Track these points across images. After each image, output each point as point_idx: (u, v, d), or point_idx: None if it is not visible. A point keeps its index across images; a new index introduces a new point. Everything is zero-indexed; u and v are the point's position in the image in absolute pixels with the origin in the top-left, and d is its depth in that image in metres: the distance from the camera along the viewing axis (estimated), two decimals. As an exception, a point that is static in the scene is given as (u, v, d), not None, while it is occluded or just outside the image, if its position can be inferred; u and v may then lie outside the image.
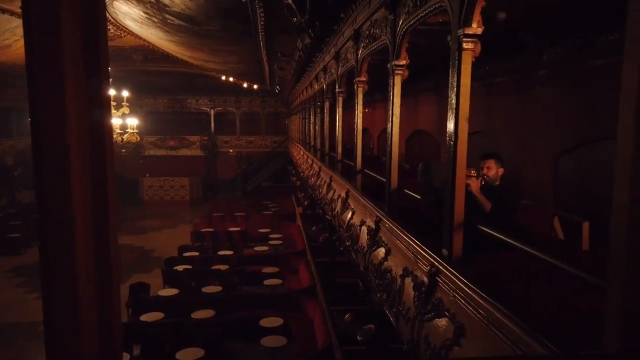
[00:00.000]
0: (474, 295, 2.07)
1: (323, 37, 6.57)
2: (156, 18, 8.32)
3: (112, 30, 12.21)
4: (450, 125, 2.49)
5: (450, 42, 2.50)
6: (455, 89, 2.43)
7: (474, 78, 7.73)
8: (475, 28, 2.32)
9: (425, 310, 2.51)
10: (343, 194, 5.51)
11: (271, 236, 14.07)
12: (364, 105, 15.37)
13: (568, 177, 4.85)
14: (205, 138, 23.13)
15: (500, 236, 2.30)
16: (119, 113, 12.16)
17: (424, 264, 2.70)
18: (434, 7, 2.77)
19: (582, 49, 4.42)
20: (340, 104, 6.40)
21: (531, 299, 2.02)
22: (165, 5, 7.35)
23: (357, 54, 4.96)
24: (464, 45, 2.36)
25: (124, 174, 22.50)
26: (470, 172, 3.52)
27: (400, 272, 3.03)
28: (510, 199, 3.63)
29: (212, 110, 23.57)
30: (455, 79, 2.42)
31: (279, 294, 9.84)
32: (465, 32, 2.33)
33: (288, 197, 18.20)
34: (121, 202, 20.86)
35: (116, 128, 11.91)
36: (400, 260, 3.17)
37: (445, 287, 2.39)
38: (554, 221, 3.89)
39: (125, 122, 12.59)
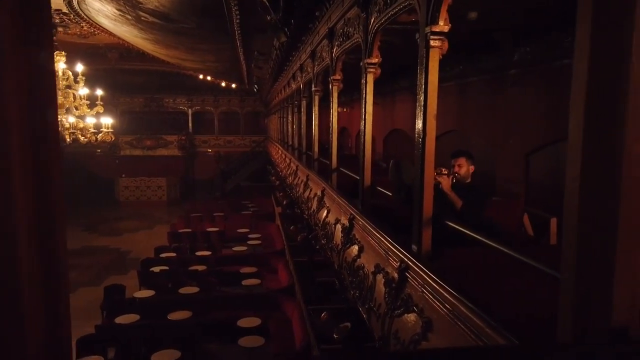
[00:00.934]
0: (441, 290, 2.09)
1: (299, 35, 6.55)
2: (130, 15, 8.18)
3: (85, 28, 11.97)
4: (419, 123, 2.51)
5: (418, 40, 2.52)
6: (423, 86, 2.45)
7: (448, 78, 7.85)
8: (442, 26, 2.34)
9: (395, 306, 2.53)
10: (319, 193, 5.51)
11: (250, 236, 13.98)
12: (342, 105, 15.48)
13: (539, 175, 4.95)
14: (183, 138, 22.83)
15: (467, 231, 2.33)
16: (93, 112, 11.91)
17: (395, 260, 2.72)
18: (403, 5, 2.79)
19: (551, 49, 4.52)
20: (317, 103, 6.40)
21: (496, 292, 2.05)
22: (139, 2, 7.23)
23: (331, 53, 4.97)
24: (432, 43, 2.38)
25: (99, 174, 22.08)
26: (442, 170, 3.57)
27: (372, 269, 3.05)
28: (480, 196, 3.69)
29: (190, 110, 23.28)
30: (423, 76, 2.44)
31: (257, 294, 9.80)
32: (433, 30, 2.35)
33: (267, 197, 18.13)
34: (96, 203, 20.46)
35: (90, 127, 11.67)
36: (372, 257, 3.18)
37: (414, 283, 2.41)
38: (523, 217, 3.96)
39: (99, 122, 12.35)
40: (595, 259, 1.08)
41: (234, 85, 20.13)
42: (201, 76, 17.73)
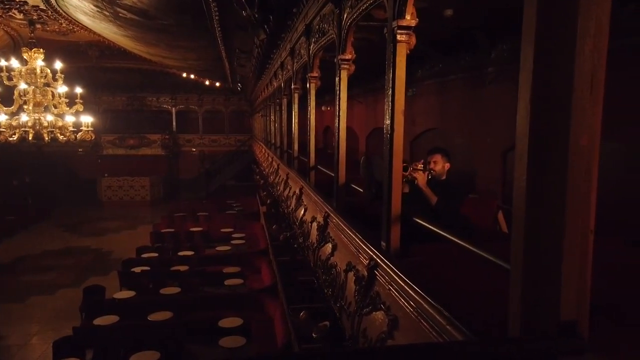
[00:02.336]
0: (406, 288, 2.06)
1: (278, 32, 6.50)
2: (107, 12, 8.04)
3: (64, 25, 11.74)
4: (387, 118, 2.48)
5: (386, 35, 2.49)
6: (391, 81, 2.42)
7: (429, 76, 7.83)
8: (409, 20, 2.32)
9: (364, 304, 2.50)
10: (297, 191, 5.47)
11: (234, 236, 13.89)
12: (327, 104, 15.40)
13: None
14: (167, 137, 22.57)
15: (433, 228, 2.31)
16: (72, 110, 11.71)
17: (365, 257, 2.69)
18: (373, -1, 2.76)
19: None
20: (296, 101, 6.35)
21: (461, 288, 2.03)
22: (116, -2, 7.11)
23: (309, 50, 4.93)
24: (398, 37, 2.35)
25: (81, 174, 21.75)
26: (417, 165, 3.56)
27: (344, 267, 3.02)
28: (456, 192, 3.69)
29: (173, 109, 23.04)
30: (391, 71, 2.41)
31: (239, 294, 9.72)
32: (399, 24, 2.32)
33: (252, 196, 18.02)
34: (78, 203, 20.14)
35: (69, 126, 11.47)
36: (344, 255, 3.15)
37: (382, 280, 2.38)
38: (498, 214, 3.97)
39: (79, 120, 12.15)
40: (543, 253, 1.06)
41: (218, 84, 19.96)
42: (184, 74, 17.54)
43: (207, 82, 19.88)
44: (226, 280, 10.23)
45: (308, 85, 5.05)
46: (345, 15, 3.40)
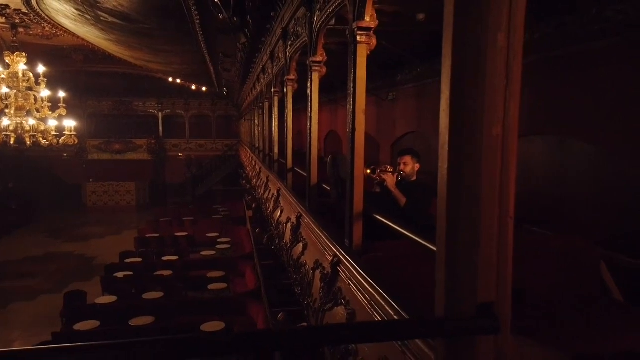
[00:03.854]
0: (363, 282, 2.11)
1: (258, 36, 6.55)
2: (89, 15, 8.03)
3: (47, 29, 11.70)
4: (349, 117, 2.53)
5: (348, 36, 2.55)
6: (352, 82, 2.48)
7: (408, 80, 7.91)
8: (369, 22, 2.38)
9: (327, 300, 2.54)
10: (275, 193, 5.50)
11: (219, 240, 13.84)
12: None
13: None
14: (153, 141, 22.46)
15: (391, 224, 2.36)
16: (55, 115, 11.64)
17: (329, 255, 2.73)
18: (338, 2, 2.82)
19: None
20: (276, 104, 6.40)
21: (414, 281, 2.08)
22: (97, 2, 7.11)
23: (286, 53, 4.98)
24: (359, 38, 2.41)
25: (66, 179, 21.54)
26: (386, 168, 3.62)
27: (312, 265, 3.06)
28: (425, 193, 3.74)
29: (160, 113, 22.95)
30: (352, 71, 2.47)
31: (222, 298, 9.69)
32: (359, 25, 2.38)
33: (239, 200, 17.98)
34: (62, 208, 19.94)
35: (51, 130, 11.39)
36: (313, 253, 3.19)
37: (344, 276, 2.43)
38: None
39: (62, 124, 12.07)
40: (462, 238, 1.11)
41: (204, 89, 19.96)
42: (170, 79, 17.51)
43: (193, 87, 19.86)
44: (210, 284, 10.20)
45: (285, 88, 5.10)
46: (315, 18, 3.46)
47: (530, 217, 3.75)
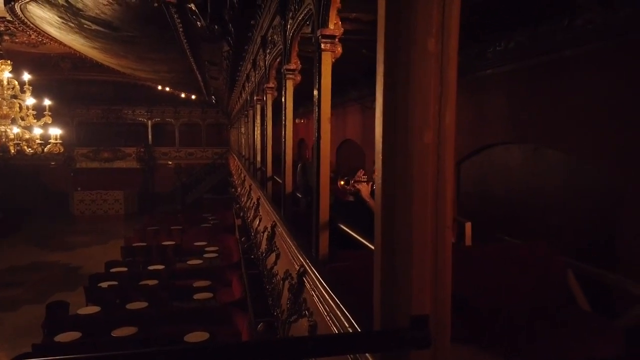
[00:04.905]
0: (324, 292, 2.07)
1: (241, 44, 6.54)
2: (72, 23, 7.99)
3: (33, 36, 11.63)
4: (315, 125, 2.51)
5: (313, 43, 2.53)
6: (317, 90, 2.46)
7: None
8: (333, 30, 2.36)
9: (293, 312, 2.49)
10: (255, 201, 5.46)
11: (207, 249, 13.70)
12: (299, 116, 15.40)
13: (467, 182, 5.06)
14: (142, 150, 22.31)
15: (353, 234, 2.33)
16: (41, 123, 11.54)
17: (297, 264, 2.69)
18: (307, 10, 2.81)
19: (474, 60, 4.65)
20: (258, 112, 6.38)
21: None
22: (79, 10, 7.07)
23: (265, 61, 4.97)
24: (323, 46, 2.39)
25: (54, 187, 21.32)
26: (361, 177, 3.60)
27: (282, 275, 3.01)
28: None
29: (149, 121, 22.84)
30: (317, 79, 2.45)
31: (207, 308, 9.56)
32: (323, 33, 2.37)
33: (229, 209, 17.87)
34: (49, 217, 19.70)
35: (36, 138, 11.29)
36: (284, 263, 3.15)
37: (309, 287, 2.38)
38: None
39: (47, 132, 11.96)
40: (395, 249, 1.08)
41: (193, 97, 19.92)
42: (160, 87, 17.46)
43: (182, 95, 19.82)
44: (196, 294, 10.07)
45: (265, 96, 5.09)
46: (288, 26, 3.45)
47: (506, 223, 3.75)
